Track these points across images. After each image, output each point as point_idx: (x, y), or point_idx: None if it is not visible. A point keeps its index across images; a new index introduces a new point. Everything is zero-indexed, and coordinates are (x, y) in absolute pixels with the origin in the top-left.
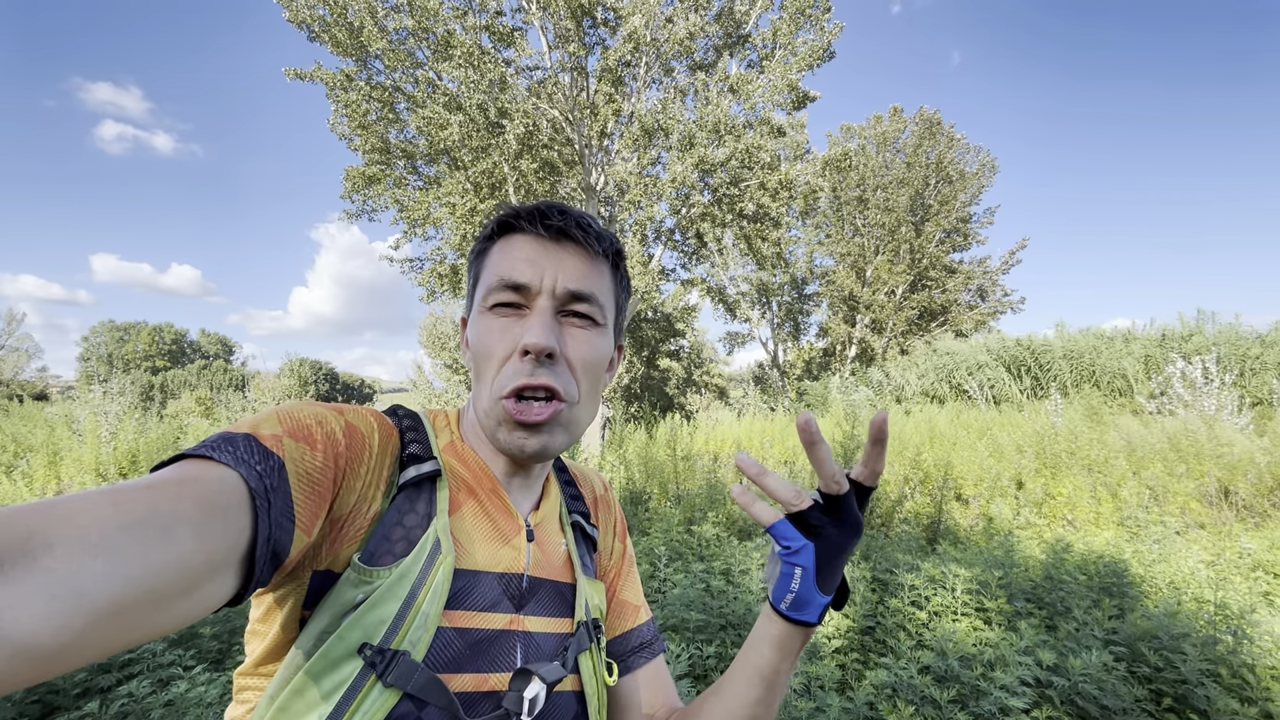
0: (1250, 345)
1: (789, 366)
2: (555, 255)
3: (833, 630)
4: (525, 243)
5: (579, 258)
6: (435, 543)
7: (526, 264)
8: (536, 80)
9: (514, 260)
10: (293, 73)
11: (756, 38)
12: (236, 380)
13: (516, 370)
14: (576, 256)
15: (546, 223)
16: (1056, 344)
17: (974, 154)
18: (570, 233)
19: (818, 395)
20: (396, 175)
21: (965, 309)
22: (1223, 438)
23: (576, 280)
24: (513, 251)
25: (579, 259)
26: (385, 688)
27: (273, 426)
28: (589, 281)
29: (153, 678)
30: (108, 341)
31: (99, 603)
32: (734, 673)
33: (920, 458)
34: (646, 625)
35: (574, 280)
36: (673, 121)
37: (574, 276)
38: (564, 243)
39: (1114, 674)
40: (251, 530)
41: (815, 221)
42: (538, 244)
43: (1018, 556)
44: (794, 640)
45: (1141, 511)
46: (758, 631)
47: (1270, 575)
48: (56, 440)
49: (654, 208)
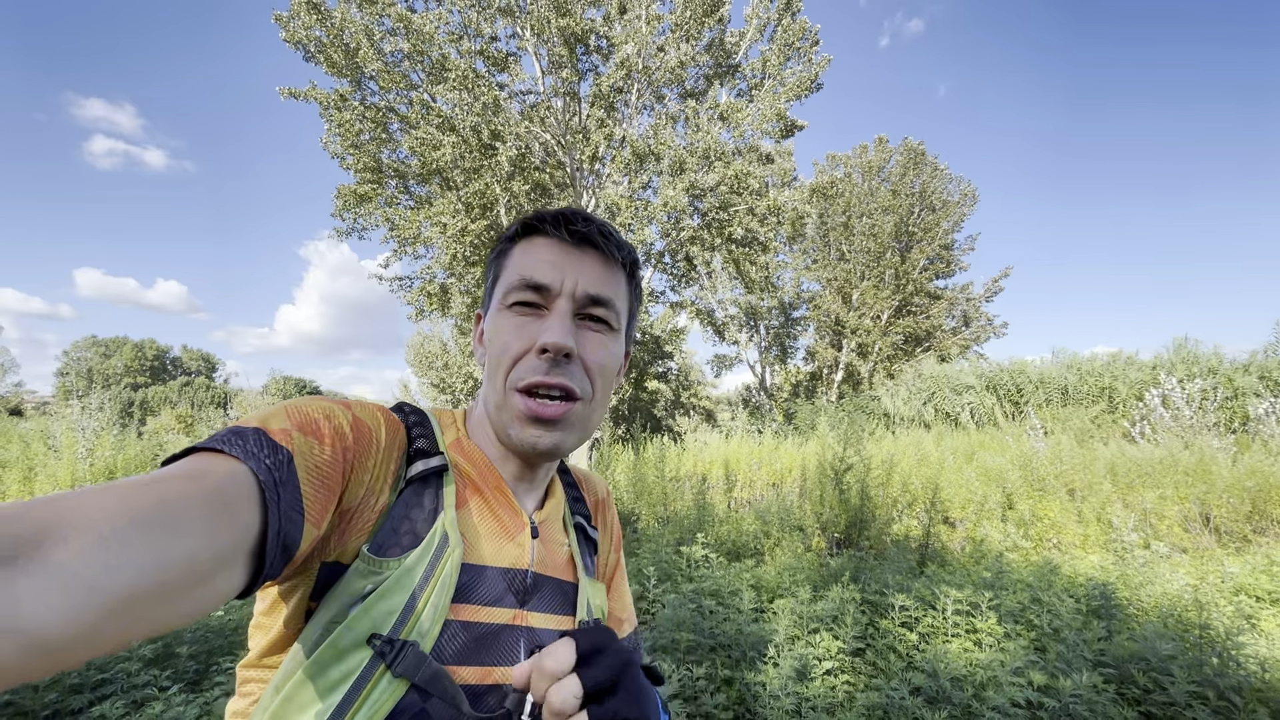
0: (1232, 372)
1: (776, 389)
2: (576, 259)
3: (823, 652)
4: (547, 245)
5: (599, 263)
6: (443, 536)
7: (548, 266)
8: (529, 104)
9: (536, 261)
10: (287, 92)
11: (746, 68)
12: (218, 397)
13: (533, 367)
14: (596, 262)
15: (571, 228)
16: (1050, 370)
17: (955, 184)
18: (592, 239)
19: (806, 419)
20: (388, 194)
21: (949, 334)
22: (1206, 462)
23: (596, 285)
24: (535, 253)
25: (599, 265)
26: (394, 678)
27: (281, 421)
28: (607, 287)
29: (127, 699)
30: (89, 357)
31: (111, 595)
32: None
33: (909, 481)
34: (628, 640)
35: (593, 285)
36: (663, 147)
37: (593, 281)
38: (585, 248)
39: (1104, 695)
40: (261, 523)
41: (802, 247)
42: (560, 247)
43: (1006, 579)
44: None
45: (1128, 535)
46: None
47: (1253, 599)
48: (31, 456)
49: (644, 231)
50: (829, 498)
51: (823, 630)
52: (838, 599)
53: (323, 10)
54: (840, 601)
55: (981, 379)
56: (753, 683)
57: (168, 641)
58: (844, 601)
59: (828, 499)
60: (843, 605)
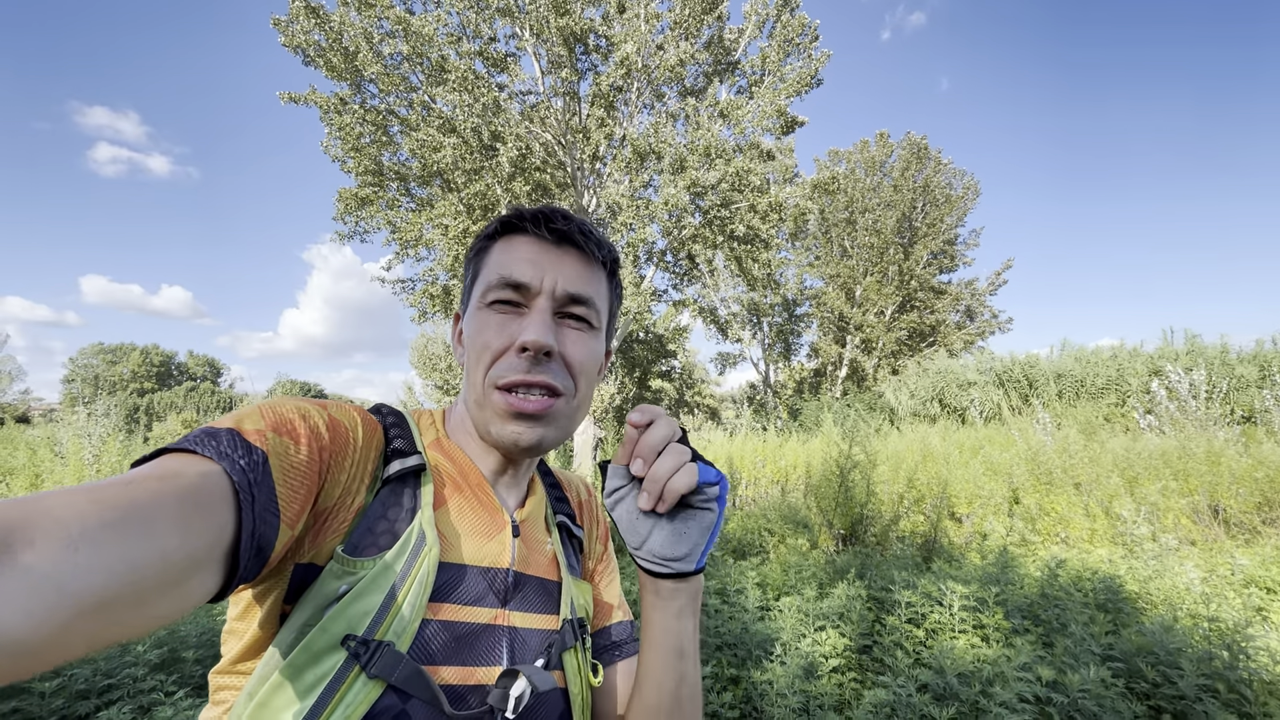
0: (1237, 363)
1: (780, 387)
2: (556, 258)
3: (830, 649)
4: (527, 244)
5: (579, 262)
6: (420, 535)
7: (528, 264)
8: (529, 104)
9: (515, 260)
10: (287, 96)
11: (746, 65)
12: (224, 402)
13: (513, 365)
14: (576, 260)
15: (551, 226)
16: (1060, 363)
17: (959, 178)
18: (572, 237)
19: (811, 415)
20: (389, 197)
21: (954, 329)
22: (1215, 453)
23: (575, 283)
24: (514, 251)
25: (578, 263)
26: (369, 679)
27: (256, 421)
28: (588, 285)
29: (133, 704)
30: (96, 364)
31: (81, 597)
32: (649, 670)
33: (915, 476)
34: (620, 625)
35: (573, 283)
36: (664, 145)
37: (573, 279)
38: (565, 246)
39: (1113, 690)
40: (235, 525)
41: (805, 243)
42: (539, 246)
43: (1013, 573)
44: (699, 593)
45: (1135, 528)
46: (666, 610)
47: (1263, 590)
48: (38, 463)
49: (646, 229)
50: (834, 495)
51: (829, 628)
52: (844, 596)
53: (321, 14)
54: (846, 599)
55: (991, 373)
56: (759, 681)
57: (173, 646)
58: (850, 599)
59: (833, 496)
60: (849, 602)
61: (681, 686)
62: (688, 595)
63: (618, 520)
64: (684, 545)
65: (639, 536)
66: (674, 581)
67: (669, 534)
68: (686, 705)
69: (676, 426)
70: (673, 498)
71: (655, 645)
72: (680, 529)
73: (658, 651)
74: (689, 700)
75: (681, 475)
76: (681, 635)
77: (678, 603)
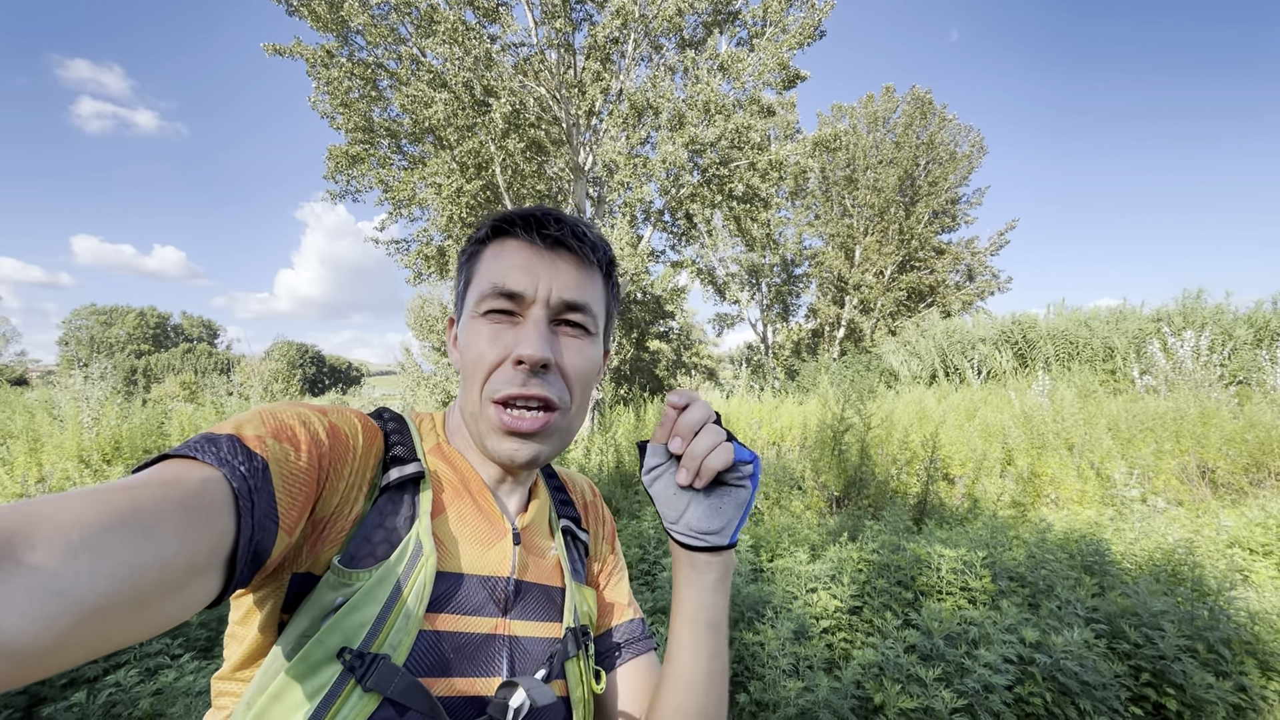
0: (1234, 324)
1: (778, 348)
2: (550, 264)
3: (821, 611)
4: (519, 249)
5: (573, 267)
6: (417, 544)
7: (521, 272)
8: (523, 57)
9: (508, 268)
10: (271, 48)
11: (746, 15)
12: (221, 364)
13: (509, 378)
14: (571, 266)
15: (543, 232)
16: (1055, 323)
17: (964, 134)
18: (566, 242)
19: (809, 376)
20: (381, 155)
21: (953, 289)
22: (1208, 414)
23: (571, 290)
24: (506, 258)
25: (573, 268)
26: (365, 692)
27: (256, 427)
28: (583, 291)
29: (140, 667)
30: (90, 325)
31: (83, 603)
32: (682, 645)
33: (908, 438)
34: (629, 624)
35: (568, 290)
36: (662, 100)
37: (568, 286)
38: (559, 251)
39: (1094, 651)
40: (234, 531)
41: (805, 202)
42: (532, 251)
43: (1002, 536)
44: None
45: (1126, 490)
46: (700, 584)
47: (1246, 551)
48: (37, 426)
49: (643, 188)
50: (829, 457)
51: (820, 590)
52: (835, 559)
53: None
54: (838, 561)
55: (992, 333)
56: (751, 643)
57: None
58: (842, 561)
59: (827, 458)
60: (840, 564)
61: (714, 660)
62: (721, 569)
63: (655, 496)
64: (719, 520)
65: (676, 511)
66: (709, 555)
67: (705, 509)
68: (718, 679)
69: (712, 410)
70: (709, 474)
71: (688, 619)
72: (716, 504)
73: (691, 625)
74: (720, 675)
75: (718, 453)
76: (715, 609)
77: (712, 575)
